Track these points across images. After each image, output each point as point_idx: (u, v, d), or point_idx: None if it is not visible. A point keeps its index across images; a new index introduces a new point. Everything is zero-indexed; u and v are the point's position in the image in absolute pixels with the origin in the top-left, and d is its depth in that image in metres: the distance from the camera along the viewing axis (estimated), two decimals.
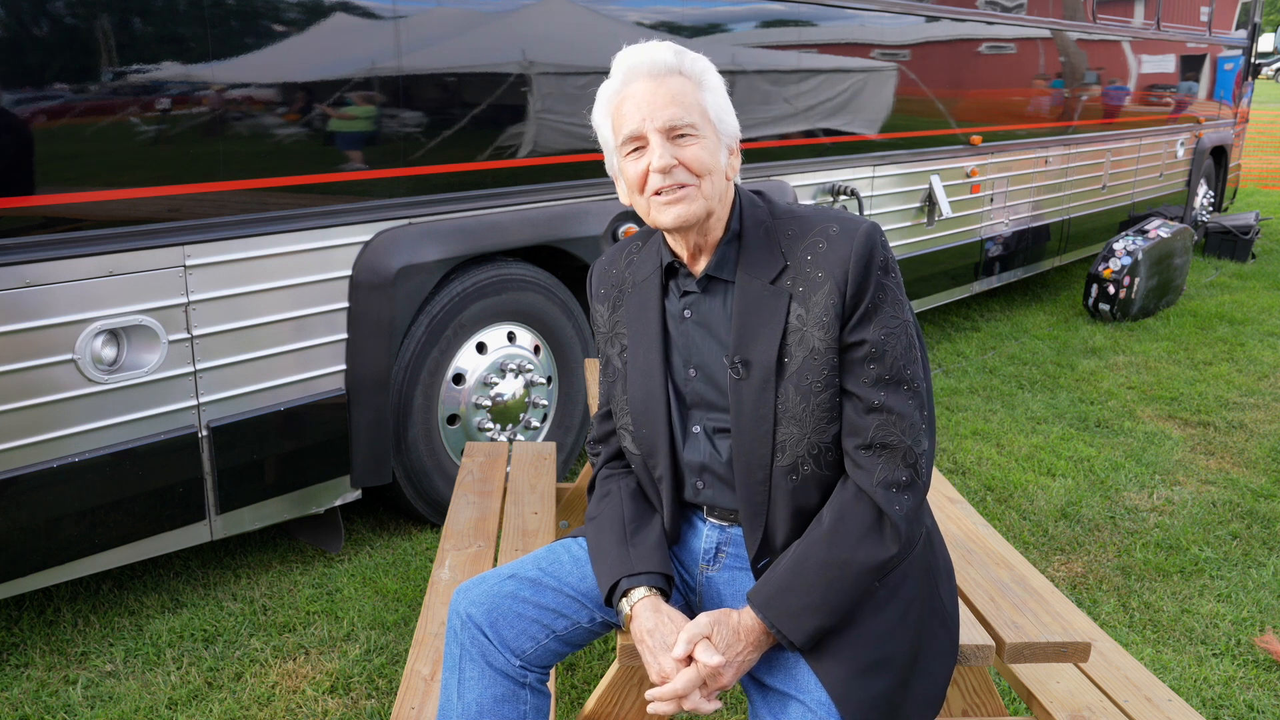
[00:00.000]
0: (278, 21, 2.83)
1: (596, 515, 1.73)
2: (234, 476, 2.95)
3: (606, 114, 1.58)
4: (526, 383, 3.66)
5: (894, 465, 1.50)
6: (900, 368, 1.50)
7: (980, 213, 6.01)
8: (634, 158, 1.54)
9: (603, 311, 1.74)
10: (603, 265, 1.77)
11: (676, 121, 1.50)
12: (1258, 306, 7.08)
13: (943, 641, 1.60)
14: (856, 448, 1.51)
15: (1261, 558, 3.45)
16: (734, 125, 1.58)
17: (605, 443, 1.82)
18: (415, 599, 3.11)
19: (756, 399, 1.53)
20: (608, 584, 1.61)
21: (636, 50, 1.54)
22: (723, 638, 1.50)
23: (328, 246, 3.03)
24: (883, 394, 1.49)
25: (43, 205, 2.50)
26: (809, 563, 1.50)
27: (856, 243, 1.49)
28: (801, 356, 1.51)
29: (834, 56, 4.68)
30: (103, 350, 2.66)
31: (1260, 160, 15.25)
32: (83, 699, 2.64)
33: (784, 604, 1.49)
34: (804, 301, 1.51)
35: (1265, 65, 10.35)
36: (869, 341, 1.49)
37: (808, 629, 1.48)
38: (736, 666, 1.50)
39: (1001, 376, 5.46)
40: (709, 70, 1.56)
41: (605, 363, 1.74)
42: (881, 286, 1.49)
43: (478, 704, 1.59)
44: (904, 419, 1.50)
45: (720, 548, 1.68)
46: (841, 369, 1.51)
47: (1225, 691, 2.70)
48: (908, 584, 1.57)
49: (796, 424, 1.51)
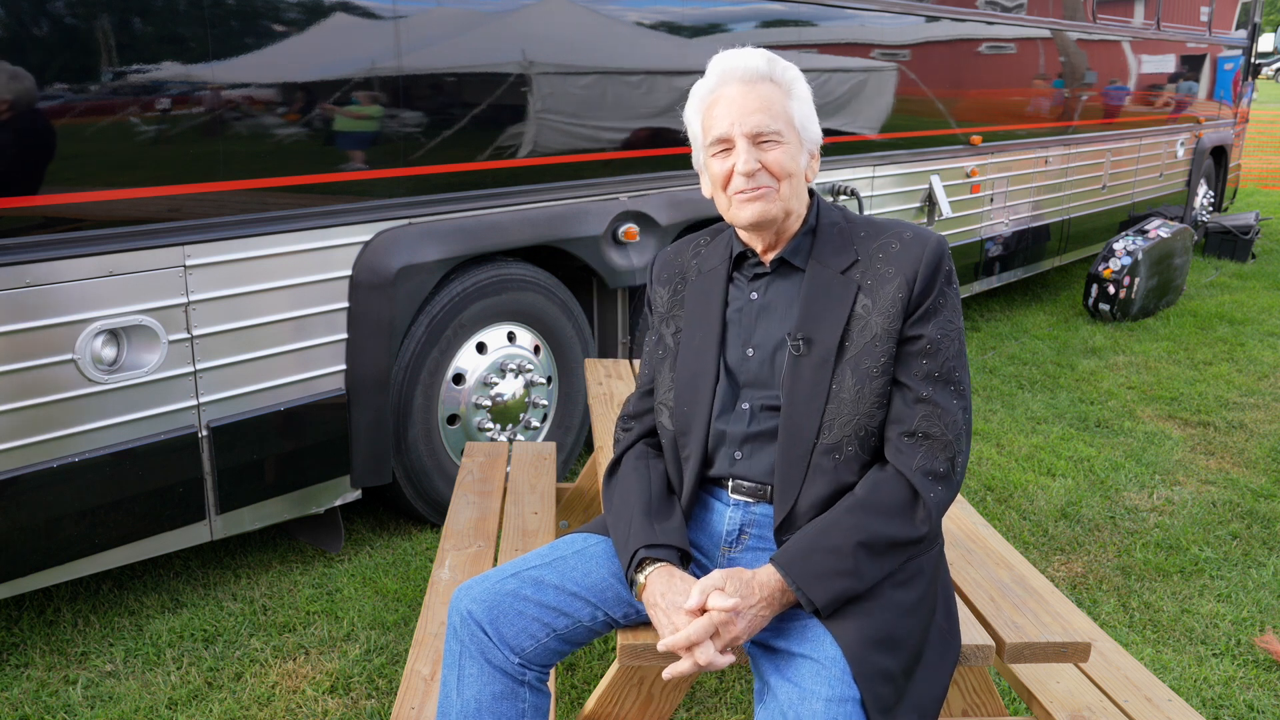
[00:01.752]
0: (278, 21, 2.83)
1: (621, 488, 1.74)
2: (234, 476, 2.95)
3: (698, 111, 1.68)
4: (526, 383, 3.66)
5: (934, 455, 1.57)
6: (951, 368, 1.59)
7: (980, 213, 6.01)
8: (721, 157, 1.63)
9: (663, 294, 1.81)
10: (668, 254, 1.84)
11: (763, 128, 1.59)
12: (1258, 306, 7.08)
13: (941, 646, 1.61)
14: (900, 434, 1.58)
15: (1261, 558, 3.45)
16: (817, 132, 1.68)
17: (640, 419, 1.85)
18: (415, 599, 3.12)
19: (814, 376, 1.60)
20: (627, 551, 1.63)
21: (732, 55, 1.64)
22: (736, 588, 1.51)
23: (328, 246, 3.03)
24: (931, 388, 1.58)
25: (43, 205, 2.50)
26: (839, 529, 1.54)
27: (929, 247, 1.60)
28: (862, 343, 1.59)
29: (834, 56, 4.68)
30: (103, 350, 2.66)
31: (1260, 160, 15.25)
32: (83, 699, 2.64)
33: (809, 566, 1.52)
34: (871, 293, 1.60)
35: (1265, 65, 10.34)
36: (926, 337, 1.58)
37: (833, 591, 1.50)
38: (749, 619, 1.51)
39: (1001, 376, 5.46)
40: (798, 79, 1.65)
41: (656, 340, 1.80)
42: (944, 293, 1.60)
43: (476, 701, 1.59)
44: (948, 414, 1.57)
45: (744, 529, 1.70)
46: (896, 359, 1.59)
47: (1225, 691, 2.70)
48: (923, 576, 1.60)
49: (848, 406, 1.58)
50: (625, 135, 3.79)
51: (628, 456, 1.81)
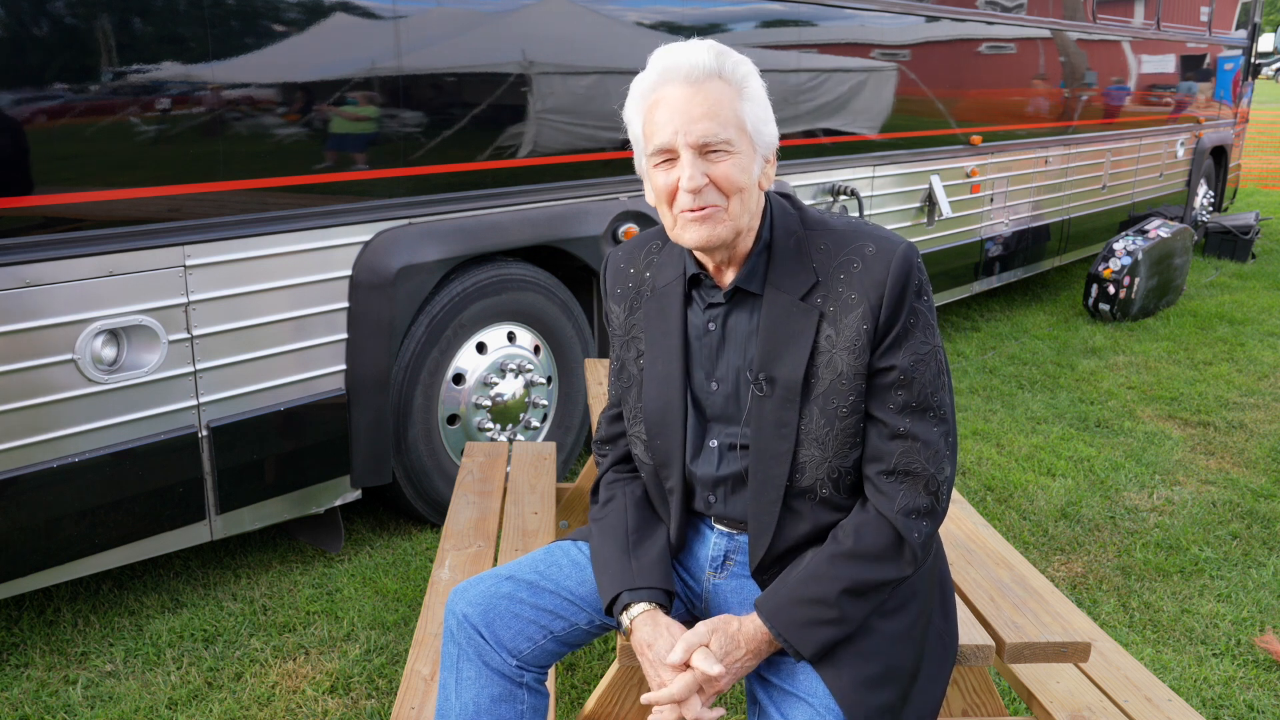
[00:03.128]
0: (278, 21, 2.83)
1: (600, 520, 1.70)
2: (234, 476, 2.95)
3: (638, 112, 1.51)
4: (526, 383, 3.66)
5: (915, 493, 1.48)
6: (928, 395, 1.47)
7: (980, 213, 6.01)
8: (663, 168, 1.48)
9: (618, 312, 1.68)
10: (618, 261, 1.70)
11: (710, 138, 1.43)
12: (1258, 306, 7.08)
13: (939, 652, 1.60)
14: (879, 473, 1.49)
15: (1261, 558, 3.45)
16: (772, 135, 1.51)
17: (613, 444, 1.78)
18: (415, 599, 3.11)
19: (778, 417, 1.50)
20: (609, 595, 1.59)
21: (675, 50, 1.45)
22: (721, 645, 1.49)
23: (328, 246, 3.03)
24: (908, 421, 1.47)
25: (43, 205, 2.50)
26: (823, 578, 1.48)
27: (893, 266, 1.45)
28: (829, 379, 1.47)
29: (834, 56, 4.68)
30: (103, 350, 2.66)
31: (1260, 160, 15.25)
32: (83, 699, 2.64)
33: (793, 615, 1.48)
34: (834, 322, 1.47)
35: (1265, 65, 10.35)
36: (898, 368, 1.46)
37: (819, 641, 1.47)
38: (734, 673, 1.50)
39: (1001, 376, 5.46)
40: (752, 75, 1.48)
41: (620, 366, 1.70)
42: (914, 312, 1.46)
43: (475, 704, 1.59)
44: (928, 447, 1.47)
45: (729, 555, 1.67)
46: (868, 393, 1.48)
47: (1225, 691, 2.70)
48: (918, 599, 1.57)
49: (819, 447, 1.49)
50: (625, 135, 3.77)
51: (604, 484, 1.77)
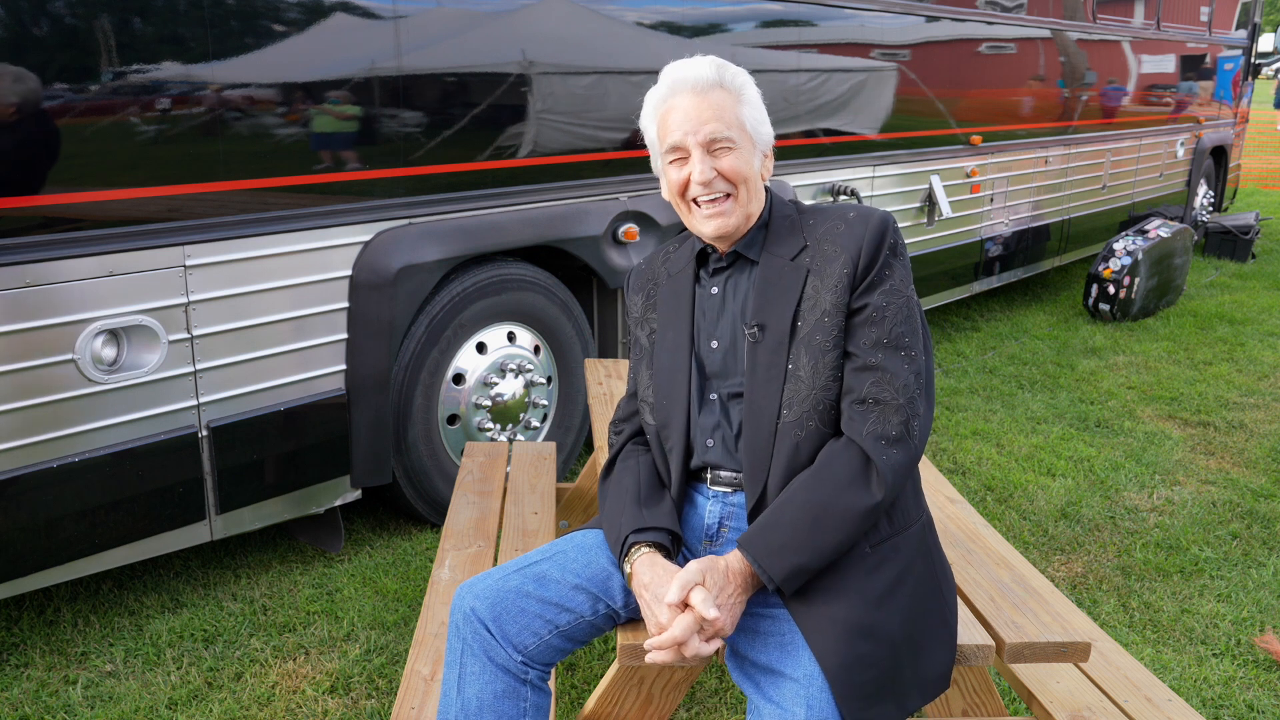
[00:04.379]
0: (278, 21, 2.83)
1: (614, 478, 1.81)
2: (234, 476, 2.95)
3: (653, 120, 1.75)
4: (526, 383, 3.66)
5: (885, 419, 1.58)
6: (899, 335, 1.61)
7: (980, 213, 6.01)
8: (677, 165, 1.71)
9: (637, 301, 1.88)
10: (640, 267, 1.93)
11: (716, 135, 1.66)
12: (1258, 306, 7.08)
13: (940, 633, 1.62)
14: (851, 403, 1.61)
15: (1261, 558, 3.45)
16: (769, 133, 1.75)
17: (629, 421, 1.91)
18: (415, 599, 3.12)
19: (770, 359, 1.65)
20: (618, 540, 1.67)
21: (682, 66, 1.70)
22: (715, 581, 1.54)
23: (328, 246, 3.03)
24: (880, 355, 1.60)
25: (43, 205, 2.50)
26: (792, 502, 1.57)
27: (871, 224, 1.64)
28: (813, 320, 1.63)
29: (834, 56, 4.68)
30: (103, 350, 2.66)
31: (1260, 160, 15.25)
32: (83, 699, 2.64)
33: (765, 540, 1.56)
34: (820, 274, 1.65)
35: (1265, 65, 10.34)
36: (871, 305, 1.61)
37: (787, 566, 1.53)
38: (730, 612, 1.54)
39: (1001, 376, 5.46)
40: (748, 84, 1.72)
41: (635, 344, 1.87)
42: (888, 264, 1.63)
43: (478, 699, 1.60)
44: (898, 378, 1.59)
45: (723, 522, 1.74)
46: (846, 332, 1.62)
47: (1225, 691, 2.70)
48: (900, 554, 1.61)
49: (804, 382, 1.62)
50: (625, 135, 3.79)
51: (619, 457, 1.87)
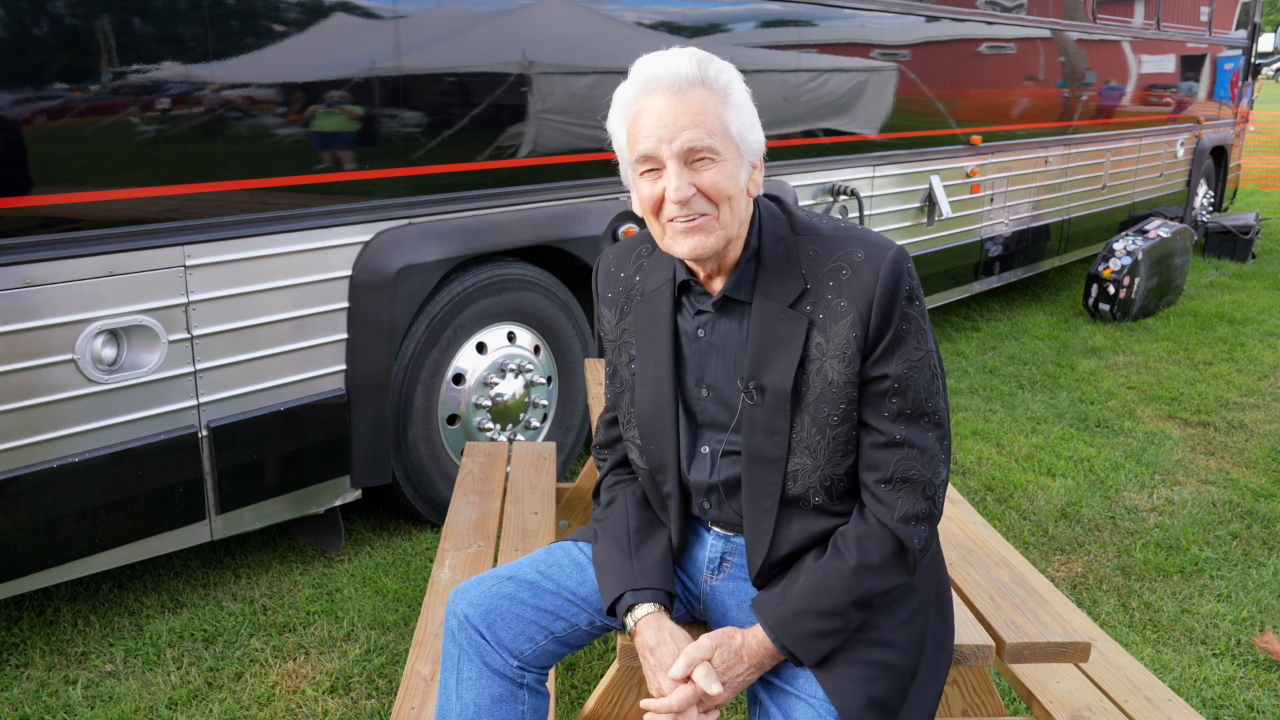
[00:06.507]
0: (278, 21, 2.83)
1: (602, 521, 1.71)
2: (234, 476, 2.95)
3: (622, 123, 1.48)
4: (526, 383, 3.66)
5: (914, 499, 1.48)
6: (922, 401, 1.46)
7: (980, 213, 6.01)
8: (649, 178, 1.45)
9: (609, 317, 1.68)
10: (608, 265, 1.69)
11: (696, 144, 1.40)
12: (1258, 306, 7.08)
13: (934, 653, 1.61)
14: (876, 482, 1.48)
15: (1261, 558, 3.45)
16: (758, 140, 1.48)
17: (611, 449, 1.80)
18: (415, 599, 3.11)
19: (769, 425, 1.50)
20: (611, 596, 1.60)
21: (657, 59, 1.44)
22: (723, 659, 1.50)
23: (328, 246, 3.03)
24: (904, 428, 1.46)
25: (43, 205, 2.50)
26: (831, 592, 1.48)
27: (882, 272, 1.43)
28: (819, 388, 1.46)
29: (834, 56, 4.68)
30: (103, 350, 2.66)
31: (1260, 160, 15.25)
32: (83, 699, 2.64)
33: (800, 627, 1.48)
34: (824, 330, 1.46)
35: (1265, 65, 10.34)
36: (891, 376, 1.44)
37: (822, 649, 1.49)
38: (733, 688, 1.51)
39: (1001, 376, 5.46)
40: (735, 81, 1.45)
41: (612, 371, 1.71)
42: (906, 317, 1.44)
43: (475, 704, 1.59)
44: (924, 453, 1.47)
45: (725, 557, 1.68)
46: (860, 401, 1.47)
47: (1225, 691, 2.70)
48: (915, 596, 1.58)
49: (810, 455, 1.49)
50: None
51: (604, 487, 1.79)
